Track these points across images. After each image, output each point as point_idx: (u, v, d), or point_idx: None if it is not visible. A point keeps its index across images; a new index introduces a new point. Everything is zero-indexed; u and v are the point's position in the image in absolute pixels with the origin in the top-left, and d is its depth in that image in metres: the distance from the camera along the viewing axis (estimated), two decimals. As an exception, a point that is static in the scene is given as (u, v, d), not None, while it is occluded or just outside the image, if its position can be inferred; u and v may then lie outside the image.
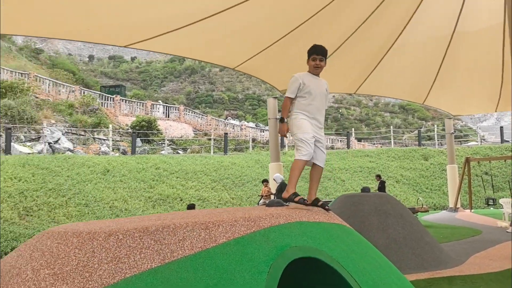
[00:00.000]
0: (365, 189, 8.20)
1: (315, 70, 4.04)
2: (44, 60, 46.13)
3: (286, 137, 3.87)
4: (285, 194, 3.96)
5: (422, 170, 21.69)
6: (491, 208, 16.78)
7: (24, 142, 22.18)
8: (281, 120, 3.88)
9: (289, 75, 13.21)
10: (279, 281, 3.01)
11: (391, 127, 32.47)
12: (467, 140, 34.47)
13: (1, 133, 19.72)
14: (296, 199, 3.83)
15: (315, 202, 3.95)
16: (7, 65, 30.70)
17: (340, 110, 58.21)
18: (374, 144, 39.16)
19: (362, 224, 7.29)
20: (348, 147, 27.72)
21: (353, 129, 36.74)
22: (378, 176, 15.26)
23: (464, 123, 54.21)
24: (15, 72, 28.35)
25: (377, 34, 11.04)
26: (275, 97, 13.61)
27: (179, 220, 2.96)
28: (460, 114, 17.61)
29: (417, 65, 12.70)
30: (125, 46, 8.83)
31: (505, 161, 19.96)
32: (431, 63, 12.65)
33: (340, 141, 34.63)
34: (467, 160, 16.43)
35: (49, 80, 29.67)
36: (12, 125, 21.72)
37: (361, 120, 56.39)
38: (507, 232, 10.78)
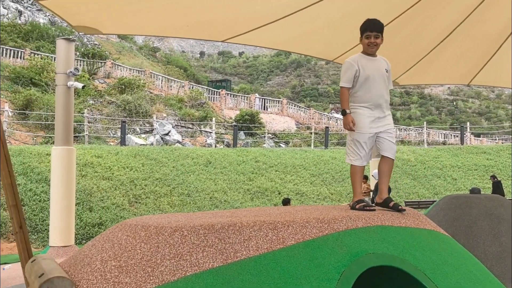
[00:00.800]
0: (474, 190, 7.45)
1: (370, 49, 3.50)
2: (160, 57, 49.59)
3: (353, 130, 3.37)
4: (350, 204, 3.51)
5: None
6: None
7: (139, 134, 24.06)
8: (343, 112, 3.38)
9: (396, 66, 12.58)
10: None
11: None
12: None
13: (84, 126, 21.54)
14: (357, 206, 3.33)
15: (387, 202, 3.46)
16: (127, 63, 33.55)
17: (456, 103, 54.16)
18: (494, 140, 35.83)
19: (469, 230, 6.66)
20: (462, 142, 25.65)
21: (468, 123, 33.87)
22: (493, 177, 13.87)
23: None
24: (133, 69, 30.81)
25: (494, 17, 9.94)
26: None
27: (248, 218, 2.89)
28: None
29: (544, 51, 11.23)
30: (222, 41, 9.00)
31: None
32: (562, 48, 11.09)
33: (454, 136, 32.18)
34: None
35: (162, 76, 31.78)
36: (129, 118, 23.68)
37: (480, 114, 52.03)
38: None
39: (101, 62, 29.23)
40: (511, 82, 13.38)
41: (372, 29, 3.45)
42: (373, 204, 3.55)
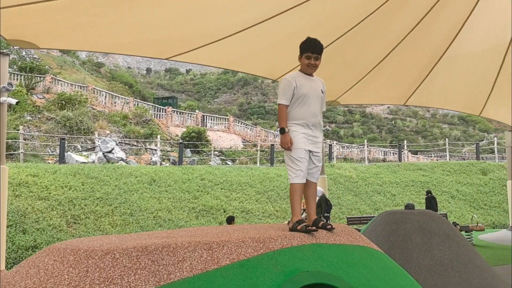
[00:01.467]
0: (408, 206, 7.78)
1: (309, 70, 3.52)
2: (104, 73, 48.37)
3: (290, 149, 3.36)
4: (290, 224, 3.44)
5: (480, 186, 20.55)
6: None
7: (80, 151, 23.20)
8: (282, 130, 3.38)
9: (337, 86, 12.96)
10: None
11: (447, 139, 31.05)
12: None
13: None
14: (299, 227, 3.25)
15: (316, 223, 3.43)
16: (68, 78, 32.42)
17: (394, 122, 56.59)
18: (430, 157, 37.65)
19: (404, 244, 6.92)
20: (400, 159, 26.81)
21: (405, 141, 35.44)
22: (428, 192, 14.56)
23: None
24: (75, 84, 29.82)
25: (426, 43, 10.56)
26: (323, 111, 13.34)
27: (183, 238, 2.86)
28: (523, 126, 16.46)
29: (471, 75, 12.03)
30: (166, 59, 8.95)
31: None
32: (487, 72, 11.92)
33: (393, 153, 33.54)
34: (529, 177, 15.31)
35: (106, 92, 30.98)
36: (69, 135, 22.81)
37: (417, 132, 54.52)
38: None
39: (40, 77, 28.06)
40: (441, 103, 14.21)
41: (313, 51, 3.47)
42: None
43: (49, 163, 18.36)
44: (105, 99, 30.24)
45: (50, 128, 23.22)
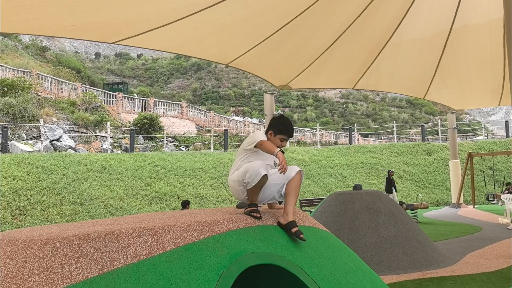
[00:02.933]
0: (356, 186, 8.03)
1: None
2: (50, 58, 46.31)
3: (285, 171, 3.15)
4: (246, 208, 3.35)
5: (425, 166, 21.47)
6: (498, 205, 16.53)
7: (25, 140, 22.24)
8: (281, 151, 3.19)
9: (288, 71, 12.96)
10: (237, 288, 2.87)
11: (394, 122, 32.14)
12: (474, 135, 34.03)
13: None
14: (246, 210, 3.25)
15: (289, 227, 3.32)
16: (10, 63, 30.84)
17: (346, 105, 57.85)
18: (380, 139, 38.85)
19: (352, 223, 7.15)
20: (351, 142, 27.51)
21: (355, 124, 36.39)
22: (388, 172, 15.13)
23: (472, 117, 53.61)
24: (18, 70, 28.42)
25: (373, 28, 10.81)
26: (272, 93, 13.44)
27: (128, 225, 2.82)
28: (463, 108, 17.30)
29: (415, 60, 12.47)
30: (112, 43, 8.69)
31: (508, 155, 19.64)
32: (430, 57, 12.41)
33: (345, 136, 34.37)
34: (470, 156, 16.18)
35: (51, 78, 29.72)
36: (12, 124, 21.78)
37: (368, 115, 55.99)
38: (508, 229, 10.55)
39: (-22, 62, 26.62)
40: (388, 87, 14.64)
41: (290, 135, 3.46)
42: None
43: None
44: (50, 85, 29.01)
45: (-8, 115, 22.10)
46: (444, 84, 13.89)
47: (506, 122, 26.58)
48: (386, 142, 32.86)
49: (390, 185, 14.57)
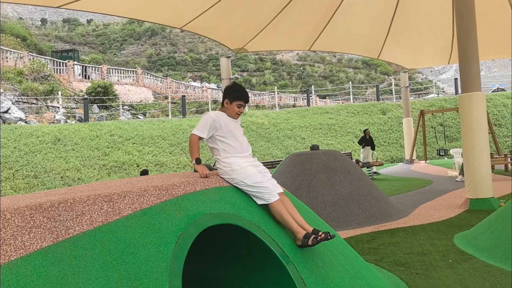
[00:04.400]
0: (314, 147, 8.15)
1: (236, 117, 3.54)
2: (-9, 25, 43.52)
3: (208, 177, 3.32)
4: (297, 242, 3.19)
5: (380, 125, 22.07)
6: (445, 158, 17.30)
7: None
8: (198, 160, 3.37)
9: (243, 33, 12.80)
10: (196, 249, 2.91)
11: (350, 83, 32.62)
12: (426, 93, 35.09)
13: None
14: (310, 242, 3.08)
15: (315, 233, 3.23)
16: None
17: (303, 68, 58.04)
18: (337, 100, 39.40)
19: (310, 182, 7.31)
20: (308, 104, 27.79)
21: (313, 86, 36.72)
22: (364, 131, 15.34)
23: (424, 76, 55.13)
24: (-43, 39, 26.69)
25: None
26: (228, 57, 13.28)
27: (83, 193, 2.78)
28: (415, 67, 17.76)
29: (368, 20, 12.58)
30: (58, 7, 8.25)
31: (457, 112, 20.46)
32: (382, 17, 12.55)
33: (303, 98, 34.63)
34: (421, 113, 16.73)
35: (-5, 47, 28.08)
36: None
37: (325, 77, 56.43)
38: (456, 181, 11.11)
39: None
40: (343, 48, 14.75)
41: (246, 101, 3.54)
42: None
43: None
44: (-6, 54, 27.43)
45: None
46: (397, 44, 14.15)
47: (456, 79, 27.52)
48: (343, 103, 33.39)
49: (371, 142, 14.88)
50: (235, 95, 3.49)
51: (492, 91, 28.09)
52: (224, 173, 3.40)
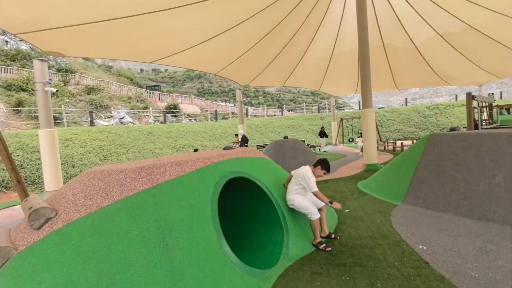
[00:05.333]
0: (285, 137, 8.11)
1: (320, 178, 3.23)
2: (113, 72, 42.79)
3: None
4: (313, 241, 2.88)
5: (320, 125, 21.75)
6: (354, 143, 17.26)
7: (103, 118, 20.90)
8: (330, 202, 2.86)
9: (246, 77, 12.30)
10: (225, 194, 2.90)
11: (304, 104, 32.23)
12: (344, 108, 34.85)
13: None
14: (321, 247, 2.81)
15: (329, 236, 3.03)
16: (91, 75, 28.34)
17: (279, 95, 57.51)
18: (297, 112, 38.91)
19: (283, 155, 7.27)
20: (282, 114, 27.44)
21: (284, 105, 36.19)
22: (321, 127, 14.93)
23: (343, 99, 54.64)
24: (95, 79, 26.22)
25: (295, 50, 10.60)
26: (240, 89, 13.11)
27: (164, 161, 2.78)
28: (338, 95, 17.56)
29: (315, 69, 12.42)
30: (150, 62, 8.14)
31: (359, 118, 20.31)
32: (322, 68, 12.40)
33: (279, 111, 34.27)
34: (341, 119, 16.65)
35: (116, 83, 27.65)
36: (96, 110, 20.36)
37: (291, 100, 55.81)
38: (359, 155, 11.08)
39: (72, 74, 24.25)
40: (301, 84, 14.44)
41: (328, 172, 3.15)
42: None
43: (84, 126, 16.38)
44: (115, 87, 26.99)
45: (82, 105, 20.51)
46: (329, 82, 14.01)
47: (359, 102, 27.34)
48: (300, 113, 33.13)
49: (324, 134, 14.49)
50: (326, 167, 3.09)
51: (378, 108, 27.88)
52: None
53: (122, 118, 20.70)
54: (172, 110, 25.55)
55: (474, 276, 2.18)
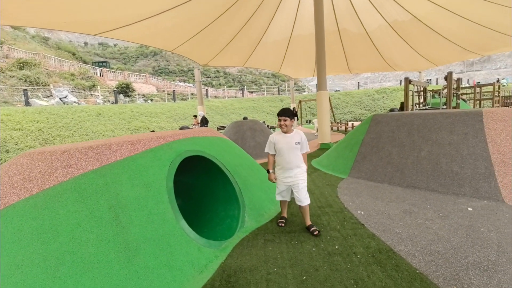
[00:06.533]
0: (245, 117, 8.17)
1: (282, 129, 2.67)
2: (51, 44, 37.40)
3: (275, 182, 2.73)
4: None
5: (279, 107, 22.28)
6: (311, 124, 18.11)
7: (42, 98, 18.45)
8: (267, 171, 2.76)
9: (205, 55, 11.96)
10: (182, 173, 2.91)
11: (265, 85, 32.43)
12: (303, 91, 35.97)
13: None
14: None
15: (309, 229, 2.69)
16: (22, 47, 24.42)
17: (240, 76, 56.77)
18: (258, 94, 39.04)
19: (243, 136, 7.33)
20: (243, 96, 27.30)
21: (245, 86, 36.03)
22: (293, 109, 15.09)
23: (302, 82, 56.20)
24: (28, 52, 22.70)
25: (254, 31, 10.48)
26: (199, 69, 12.68)
27: (116, 140, 2.67)
28: (298, 77, 18.01)
29: (274, 52, 12.49)
30: (95, 34, 7.34)
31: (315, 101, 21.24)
32: (281, 51, 12.52)
33: (240, 93, 34.01)
34: (300, 101, 17.25)
35: (54, 58, 24.33)
36: (31, 87, 17.83)
37: (252, 82, 55.56)
38: (315, 135, 11.71)
39: (-3, 46, 20.61)
40: (261, 65, 14.48)
41: (279, 114, 2.62)
42: None
43: (18, 106, 14.34)
44: (54, 62, 23.76)
45: (14, 83, 17.78)
46: (288, 65, 14.26)
47: (317, 84, 28.41)
48: (261, 95, 33.34)
49: (295, 115, 14.62)
50: (278, 114, 2.65)
51: (334, 91, 29.41)
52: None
53: (65, 97, 18.57)
54: (125, 89, 23.61)
55: (397, 232, 2.60)
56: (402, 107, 9.06)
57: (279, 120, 2.62)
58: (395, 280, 1.94)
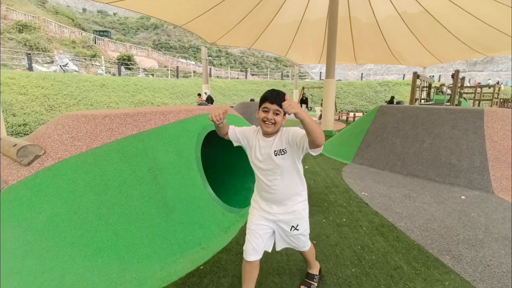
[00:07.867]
0: (252, 100, 8.32)
1: (265, 127, 1.44)
2: (49, 8, 35.78)
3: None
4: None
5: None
6: (313, 111, 18.22)
7: (42, 64, 18.04)
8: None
9: (214, 33, 12.00)
10: (204, 145, 3.09)
11: (268, 69, 32.08)
12: (305, 78, 35.73)
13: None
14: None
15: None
16: (20, 9, 23.41)
17: (243, 58, 55.68)
18: (260, 77, 38.66)
19: (249, 117, 7.48)
20: (246, 78, 26.97)
21: (248, 68, 35.55)
22: (303, 94, 14.68)
23: (305, 69, 55.53)
24: (27, 15, 21.84)
25: (263, 14, 10.35)
26: (206, 47, 12.54)
27: (149, 110, 2.83)
28: (302, 63, 17.92)
29: (283, 35, 12.39)
30: (107, 3, 7.20)
31: (319, 88, 21.31)
32: (290, 34, 12.42)
33: (243, 75, 33.68)
34: (303, 88, 17.28)
35: (55, 23, 23.50)
36: (31, 52, 17.37)
37: (254, 64, 54.66)
38: (317, 122, 11.93)
39: (-7, 5, 19.73)
40: (268, 49, 14.37)
41: (271, 101, 1.39)
42: None
43: (18, 70, 14.06)
44: (54, 28, 22.99)
45: (13, 46, 17.27)
46: (296, 49, 14.18)
47: (320, 72, 28.35)
48: (263, 78, 33.04)
49: (306, 101, 14.40)
50: (261, 99, 1.44)
51: (336, 80, 29.32)
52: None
53: (65, 65, 18.19)
54: (126, 62, 23.17)
55: (398, 212, 2.90)
56: (391, 101, 9.24)
57: (264, 110, 1.40)
58: (396, 248, 2.23)
